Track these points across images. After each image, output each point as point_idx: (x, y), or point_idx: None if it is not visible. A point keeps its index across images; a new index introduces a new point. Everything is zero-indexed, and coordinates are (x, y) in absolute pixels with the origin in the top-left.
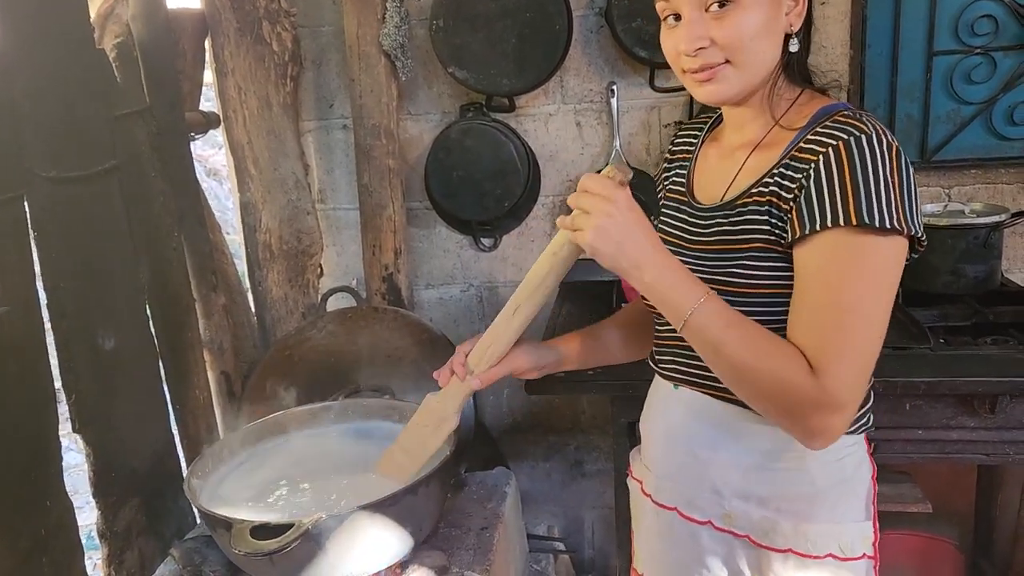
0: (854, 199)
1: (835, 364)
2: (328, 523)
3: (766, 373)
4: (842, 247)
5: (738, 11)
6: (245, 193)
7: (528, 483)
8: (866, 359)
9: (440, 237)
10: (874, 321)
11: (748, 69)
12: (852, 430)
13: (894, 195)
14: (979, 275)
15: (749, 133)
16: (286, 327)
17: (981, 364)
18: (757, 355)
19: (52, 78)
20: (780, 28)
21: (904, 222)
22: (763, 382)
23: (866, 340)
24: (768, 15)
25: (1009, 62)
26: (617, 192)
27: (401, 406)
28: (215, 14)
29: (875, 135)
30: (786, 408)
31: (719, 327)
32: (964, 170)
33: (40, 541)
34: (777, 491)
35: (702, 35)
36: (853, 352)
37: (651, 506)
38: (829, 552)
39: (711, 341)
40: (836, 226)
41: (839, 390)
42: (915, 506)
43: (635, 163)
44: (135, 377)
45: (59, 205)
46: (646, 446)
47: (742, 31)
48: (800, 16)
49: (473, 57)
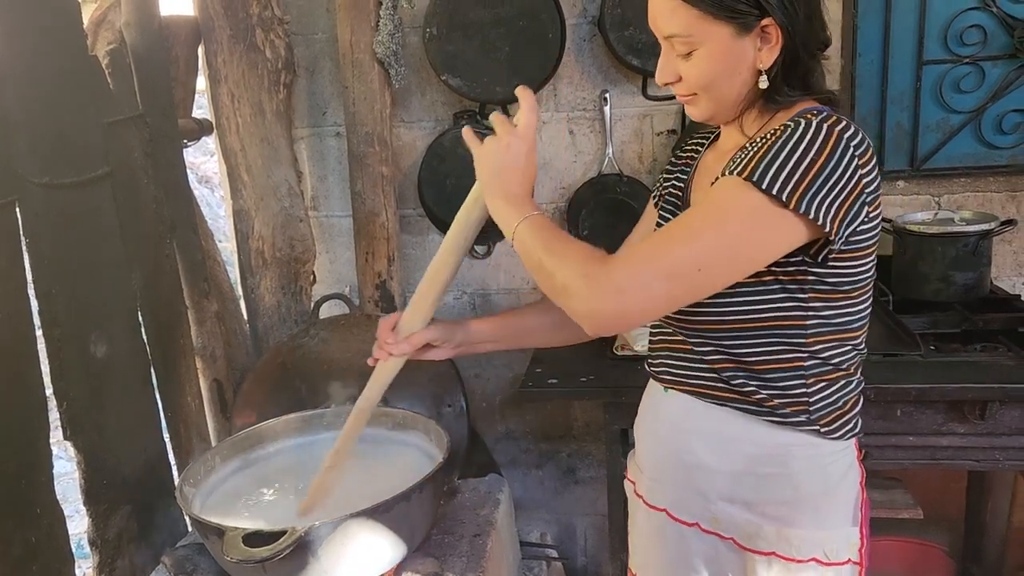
0: (760, 160)
1: (630, 254)
2: (321, 530)
3: (560, 253)
4: (719, 189)
5: (703, 57)
6: (238, 200)
7: (521, 490)
8: (668, 269)
9: (433, 244)
10: (698, 254)
11: (716, 101)
12: (838, 436)
13: (804, 173)
14: (969, 282)
15: (741, 138)
16: (279, 334)
17: (971, 371)
18: (555, 245)
19: (45, 85)
20: (746, 68)
21: (798, 200)
22: (554, 259)
23: (679, 256)
24: (730, 59)
25: (998, 72)
26: (531, 128)
27: (393, 413)
28: (208, 21)
29: (824, 124)
30: (566, 280)
31: (534, 232)
32: (953, 178)
33: (31, 549)
34: (762, 496)
35: (672, 71)
36: (655, 256)
37: (643, 507)
38: (813, 557)
39: (526, 246)
40: (732, 175)
41: (618, 272)
42: (906, 512)
43: (628, 171)
44: (127, 384)
45: (51, 212)
46: (639, 448)
47: (704, 74)
48: (773, 53)
49: (466, 65)
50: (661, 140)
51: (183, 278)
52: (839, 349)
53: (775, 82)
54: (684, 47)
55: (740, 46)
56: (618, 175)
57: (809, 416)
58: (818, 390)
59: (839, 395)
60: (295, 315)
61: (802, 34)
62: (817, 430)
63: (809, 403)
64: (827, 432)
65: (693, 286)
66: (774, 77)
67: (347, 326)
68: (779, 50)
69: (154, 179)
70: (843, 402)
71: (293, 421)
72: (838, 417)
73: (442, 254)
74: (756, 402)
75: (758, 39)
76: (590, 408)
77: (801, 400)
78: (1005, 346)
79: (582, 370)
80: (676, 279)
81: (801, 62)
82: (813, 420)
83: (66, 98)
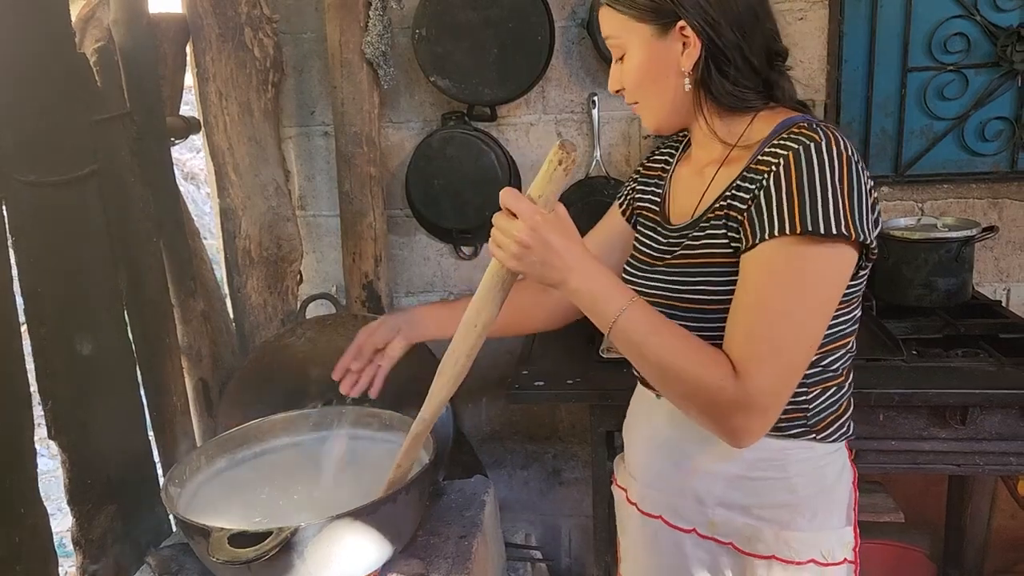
0: (799, 207)
1: (756, 368)
2: (307, 531)
3: (687, 374)
4: (780, 255)
5: (630, 60)
6: (225, 199)
7: (506, 491)
8: (791, 364)
9: (420, 245)
10: (804, 328)
11: (650, 107)
12: (833, 439)
13: (841, 201)
14: (951, 288)
15: (712, 152)
16: (265, 334)
17: (952, 376)
18: (678, 357)
19: (31, 82)
20: (671, 70)
21: (850, 227)
22: (685, 383)
23: (793, 346)
24: (653, 60)
25: (981, 79)
26: (532, 214)
27: (379, 414)
28: (197, 19)
29: (825, 143)
30: (706, 409)
31: (643, 332)
32: (937, 184)
33: (14, 549)
34: (759, 500)
35: (618, 79)
36: (777, 357)
37: (637, 515)
38: (811, 558)
39: (636, 344)
40: (782, 235)
41: (759, 393)
42: (887, 516)
43: (615, 174)
44: (112, 383)
45: (37, 210)
46: (630, 454)
47: (633, 77)
48: (691, 56)
49: (455, 66)
50: (648, 143)
51: (169, 277)
52: (835, 355)
53: (705, 84)
54: (617, 51)
55: (661, 48)
56: (605, 178)
57: (806, 423)
58: (815, 396)
59: (834, 399)
60: (281, 314)
61: (727, 37)
62: (813, 436)
63: (808, 409)
64: (823, 437)
65: (807, 362)
66: (701, 80)
67: (334, 326)
68: (699, 52)
69: (141, 177)
70: (838, 406)
71: (279, 421)
72: (833, 421)
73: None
74: None
75: (677, 41)
76: (576, 410)
77: (800, 407)
78: (986, 352)
79: (568, 372)
80: (798, 369)
81: (736, 65)
82: (810, 427)
83: (53, 96)
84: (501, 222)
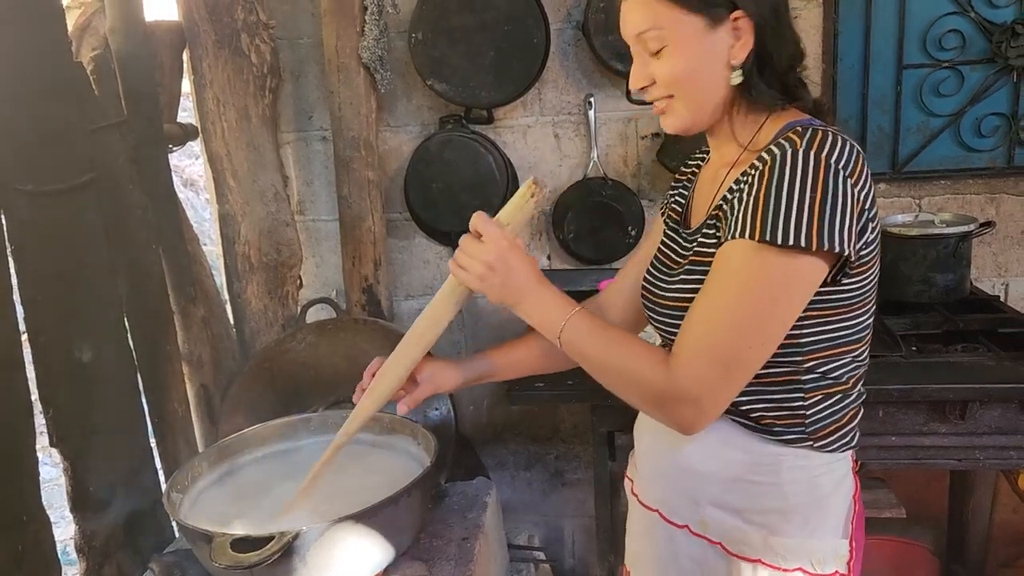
0: (762, 215)
1: (688, 359)
2: (309, 535)
3: (623, 368)
4: (737, 256)
5: (673, 53)
6: (224, 205)
7: (509, 493)
8: (727, 360)
9: (419, 248)
10: (750, 330)
11: (692, 102)
12: (833, 448)
13: (809, 211)
14: (949, 284)
15: (727, 155)
16: (265, 339)
17: (952, 371)
18: (612, 354)
19: (29, 91)
20: (720, 63)
21: (813, 238)
22: (621, 376)
23: (730, 343)
24: (703, 53)
25: (976, 76)
26: (500, 239)
27: (381, 417)
28: (193, 26)
29: (804, 150)
30: (644, 399)
31: (584, 335)
32: (934, 181)
33: (16, 557)
34: (751, 503)
35: (645, 74)
36: (711, 351)
37: (638, 506)
38: (799, 566)
39: (580, 348)
40: (742, 238)
41: (688, 382)
42: (889, 511)
43: (613, 174)
44: (113, 390)
45: (36, 218)
46: (637, 449)
47: (677, 71)
48: (745, 48)
49: (452, 70)
50: (646, 144)
51: (169, 283)
52: (837, 362)
53: (751, 79)
54: (656, 43)
55: (712, 40)
56: (603, 178)
57: (804, 430)
58: (815, 403)
59: (837, 408)
60: (282, 320)
61: (773, 31)
62: (811, 444)
63: (805, 416)
64: (821, 446)
65: (751, 362)
66: (749, 73)
67: (334, 330)
68: (751, 45)
69: (139, 185)
70: (841, 415)
71: (280, 426)
72: (835, 430)
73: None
74: (753, 419)
75: (729, 33)
76: (577, 411)
77: (798, 414)
78: (985, 347)
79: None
80: (734, 365)
81: (774, 62)
82: (808, 434)
83: (51, 105)
84: (468, 245)
